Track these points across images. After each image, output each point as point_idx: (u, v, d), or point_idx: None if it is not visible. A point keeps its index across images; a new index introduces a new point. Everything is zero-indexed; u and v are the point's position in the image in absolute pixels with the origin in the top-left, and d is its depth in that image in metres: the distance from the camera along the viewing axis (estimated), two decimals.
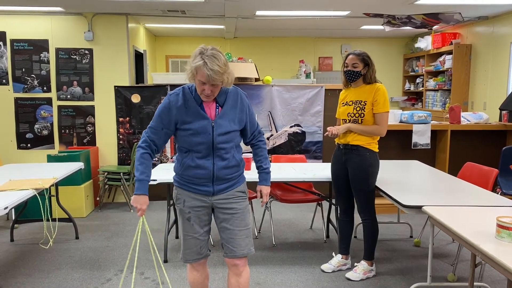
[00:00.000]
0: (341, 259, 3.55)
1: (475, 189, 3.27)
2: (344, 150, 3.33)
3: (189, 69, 2.19)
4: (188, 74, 2.21)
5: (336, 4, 5.29)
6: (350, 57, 3.26)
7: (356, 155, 3.27)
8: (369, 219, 3.37)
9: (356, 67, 3.22)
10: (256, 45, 8.41)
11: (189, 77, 2.22)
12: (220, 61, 2.15)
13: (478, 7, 5.49)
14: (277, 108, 5.71)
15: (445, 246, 4.11)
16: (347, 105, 3.32)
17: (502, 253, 1.94)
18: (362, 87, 3.28)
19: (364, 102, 3.23)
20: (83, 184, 5.11)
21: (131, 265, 3.65)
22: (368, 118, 3.22)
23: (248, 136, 2.47)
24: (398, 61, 8.67)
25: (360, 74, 3.23)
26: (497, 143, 5.35)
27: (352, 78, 3.26)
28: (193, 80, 2.22)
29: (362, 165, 3.26)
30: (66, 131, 5.75)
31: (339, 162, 3.41)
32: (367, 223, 3.38)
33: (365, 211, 3.36)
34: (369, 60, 3.24)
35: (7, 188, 3.21)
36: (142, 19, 6.43)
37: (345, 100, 3.37)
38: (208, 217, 2.44)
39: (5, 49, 5.61)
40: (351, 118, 3.27)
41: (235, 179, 2.42)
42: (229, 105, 2.33)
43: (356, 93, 3.29)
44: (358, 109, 3.24)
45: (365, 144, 3.25)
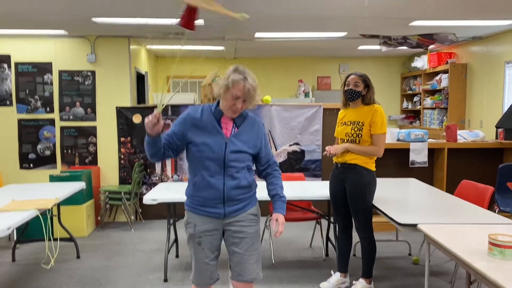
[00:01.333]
0: (340, 277, 3.58)
1: (471, 207, 3.32)
2: (342, 168, 3.39)
3: (224, 83, 2.25)
4: (221, 87, 2.26)
5: (333, 26, 5.41)
6: (352, 77, 3.34)
7: (353, 174, 3.33)
8: (367, 237, 3.41)
9: (358, 86, 3.30)
10: (256, 65, 8.53)
11: (222, 90, 2.26)
12: (255, 81, 2.29)
13: (472, 28, 5.62)
14: (276, 127, 5.79)
15: (443, 264, 4.13)
16: (345, 125, 3.39)
17: (494, 270, 1.98)
18: (361, 108, 3.35)
19: (362, 123, 3.30)
20: (85, 203, 5.16)
21: (134, 285, 3.69)
22: (365, 139, 3.29)
23: (263, 164, 2.48)
24: (395, 80, 8.79)
25: (361, 94, 3.31)
26: (494, 160, 5.41)
27: (352, 98, 3.33)
28: (225, 94, 2.26)
29: (359, 183, 3.32)
30: (68, 151, 5.83)
31: (337, 180, 3.46)
32: (365, 241, 3.42)
33: (363, 229, 3.40)
34: (369, 82, 3.34)
35: (10, 208, 3.27)
36: (144, 41, 6.57)
37: (343, 120, 3.44)
38: (219, 242, 2.45)
39: (10, 71, 5.73)
40: (349, 138, 3.34)
41: (247, 200, 2.42)
42: (246, 128, 2.38)
43: (355, 114, 3.36)
44: (356, 130, 3.31)
45: (362, 163, 3.31)
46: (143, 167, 5.75)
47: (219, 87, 2.28)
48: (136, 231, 5.34)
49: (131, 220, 5.51)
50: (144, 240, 4.97)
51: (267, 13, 4.68)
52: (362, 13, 4.61)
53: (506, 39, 5.85)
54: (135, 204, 5.74)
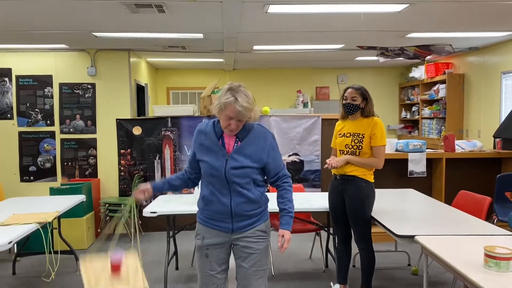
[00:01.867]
0: None
1: (468, 218, 3.34)
2: (341, 180, 3.42)
3: (218, 104, 2.28)
4: (215, 108, 2.30)
5: (330, 39, 5.48)
6: (349, 91, 3.36)
7: (352, 185, 3.36)
8: (366, 248, 3.43)
9: (355, 100, 3.33)
10: (255, 76, 8.62)
11: (216, 111, 2.31)
12: (249, 99, 2.28)
13: (468, 39, 5.68)
14: (275, 137, 5.82)
15: (442, 274, 4.14)
16: (345, 137, 3.41)
17: (489, 282, 2.01)
18: (360, 120, 3.38)
19: (362, 135, 3.32)
20: (85, 216, 5.18)
21: None
22: (366, 150, 3.32)
23: (271, 176, 2.46)
24: (394, 90, 8.86)
25: (359, 108, 3.34)
26: (491, 170, 5.43)
27: (350, 111, 3.36)
28: (220, 114, 2.30)
29: (358, 195, 3.34)
30: (68, 164, 5.87)
31: (336, 192, 3.49)
32: (364, 253, 3.44)
33: (362, 240, 3.42)
34: (367, 95, 3.36)
35: (11, 222, 3.29)
36: (143, 54, 6.64)
37: (342, 131, 3.47)
38: (226, 256, 2.46)
39: (11, 84, 5.79)
40: (349, 149, 3.36)
41: (256, 216, 2.41)
42: (249, 142, 2.37)
43: (354, 126, 3.39)
44: (356, 141, 3.33)
45: (361, 174, 3.34)
46: (143, 179, 5.78)
47: (213, 108, 2.33)
48: (136, 243, 5.35)
49: (130, 232, 5.52)
50: (144, 252, 4.98)
51: (264, 29, 4.74)
52: (359, 27, 4.67)
53: (502, 49, 5.91)
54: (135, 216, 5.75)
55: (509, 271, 2.14)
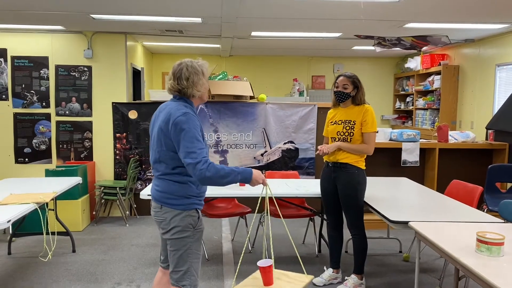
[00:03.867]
0: (332, 273, 3.67)
1: (460, 206, 3.42)
2: (333, 167, 3.48)
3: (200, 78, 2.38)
4: (201, 86, 2.39)
5: (328, 27, 5.49)
6: (341, 79, 3.42)
7: (344, 173, 3.41)
8: (359, 234, 3.49)
9: (346, 88, 3.39)
10: (251, 63, 8.61)
11: (201, 89, 2.40)
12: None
13: (464, 31, 5.72)
14: (271, 125, 5.86)
15: (433, 261, 4.24)
16: (336, 124, 3.47)
17: (480, 266, 2.07)
18: (351, 108, 3.44)
19: (353, 122, 3.39)
20: (80, 198, 5.20)
21: (129, 278, 3.75)
22: (357, 137, 3.38)
23: None
24: (389, 80, 8.90)
25: (350, 96, 3.40)
26: (483, 161, 5.53)
27: (341, 99, 3.43)
28: (203, 91, 2.42)
29: (351, 182, 3.40)
30: (64, 146, 5.86)
31: (328, 179, 3.54)
32: (356, 239, 3.51)
33: (355, 227, 3.49)
34: (358, 83, 3.42)
35: (9, 202, 3.31)
36: (140, 37, 6.60)
37: (334, 119, 3.52)
38: None
39: (6, 65, 5.74)
40: (341, 136, 3.42)
41: None
42: None
43: (345, 113, 3.45)
44: (347, 128, 3.39)
45: (353, 162, 3.40)
46: (138, 163, 5.79)
47: (200, 85, 2.40)
48: (131, 226, 5.39)
49: (126, 215, 5.55)
50: (139, 234, 5.02)
51: (263, 14, 4.74)
52: (358, 15, 4.69)
53: (497, 42, 5.97)
54: (130, 199, 5.78)
55: (500, 255, 2.21)
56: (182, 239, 2.36)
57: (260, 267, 2.38)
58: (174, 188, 2.36)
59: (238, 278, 3.75)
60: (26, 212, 3.18)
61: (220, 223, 5.53)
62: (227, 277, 3.79)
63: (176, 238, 2.36)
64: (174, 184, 2.36)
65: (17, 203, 3.26)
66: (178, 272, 2.39)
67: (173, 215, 2.35)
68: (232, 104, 5.77)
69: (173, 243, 2.37)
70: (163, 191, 2.38)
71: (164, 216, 2.37)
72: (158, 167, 2.42)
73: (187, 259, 2.38)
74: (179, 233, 2.35)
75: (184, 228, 2.35)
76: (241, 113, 5.81)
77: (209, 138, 5.78)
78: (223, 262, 4.15)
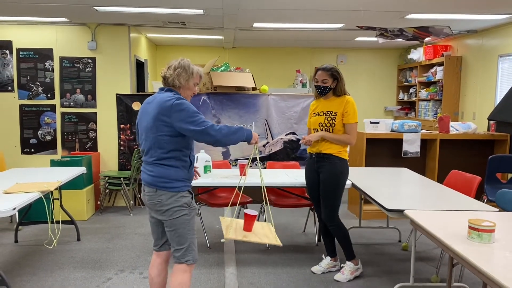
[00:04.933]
0: (330, 261, 3.73)
1: (457, 195, 3.46)
2: (316, 158, 3.51)
3: (188, 74, 2.59)
4: (183, 79, 2.58)
5: (330, 18, 5.50)
6: (319, 73, 3.44)
7: (327, 163, 3.45)
8: (336, 225, 3.51)
9: (326, 82, 3.41)
10: (254, 55, 8.64)
11: (183, 81, 2.59)
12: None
13: (467, 22, 5.71)
14: (273, 116, 5.91)
15: (431, 250, 4.29)
16: (318, 116, 3.51)
17: (471, 252, 2.12)
18: (332, 99, 3.48)
19: (334, 113, 3.42)
20: (85, 188, 5.29)
21: (132, 265, 3.84)
22: (338, 128, 3.42)
23: None
24: (392, 72, 8.89)
25: (330, 89, 3.44)
26: (484, 152, 5.55)
27: (322, 93, 3.46)
28: (187, 86, 2.61)
29: (333, 172, 3.44)
30: (68, 137, 5.95)
31: (312, 170, 3.58)
32: (335, 229, 3.53)
33: (330, 218, 3.50)
34: (338, 75, 3.43)
35: (14, 190, 3.39)
36: (144, 29, 6.65)
37: (316, 110, 3.55)
38: None
39: (11, 57, 5.82)
40: (323, 128, 3.46)
41: None
42: None
43: (327, 105, 3.48)
44: (329, 119, 3.43)
45: (336, 152, 3.44)
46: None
47: (188, 79, 2.61)
48: (135, 215, 5.49)
49: (130, 205, 5.64)
50: (143, 224, 5.11)
51: (264, 5, 4.77)
52: (359, 6, 4.70)
53: (500, 32, 5.95)
54: (134, 189, 5.87)
55: (491, 242, 2.25)
56: (180, 218, 2.53)
57: (245, 214, 2.67)
58: (168, 172, 2.52)
59: (238, 266, 3.85)
60: (31, 200, 3.25)
61: (222, 213, 5.61)
62: (228, 264, 3.87)
63: (174, 218, 2.53)
64: (168, 168, 2.52)
65: (22, 192, 3.35)
66: (180, 250, 2.57)
67: (168, 197, 2.52)
68: (235, 95, 5.82)
69: (171, 223, 2.54)
70: (158, 175, 2.52)
71: (160, 199, 2.52)
72: (152, 153, 2.55)
73: (187, 236, 2.57)
74: (177, 213, 2.52)
75: (180, 207, 2.53)
76: (243, 104, 5.86)
77: None
78: (224, 251, 4.23)
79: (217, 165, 4.40)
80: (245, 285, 3.46)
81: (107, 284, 3.47)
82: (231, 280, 3.54)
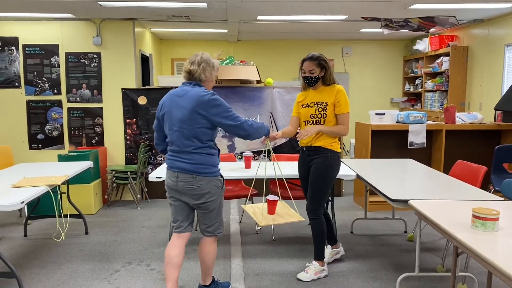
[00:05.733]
0: (332, 250, 3.73)
1: (462, 185, 3.45)
2: (307, 152, 3.43)
3: (211, 68, 2.85)
4: (209, 73, 2.85)
5: (334, 9, 5.48)
6: (306, 64, 3.32)
7: (318, 156, 3.36)
8: (317, 218, 3.41)
9: (313, 72, 3.30)
10: (259, 47, 8.63)
11: (210, 76, 2.86)
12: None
13: (472, 11, 5.66)
14: (278, 109, 5.91)
15: (437, 240, 4.29)
16: (308, 107, 3.39)
17: (474, 240, 2.13)
18: (322, 89, 3.36)
19: (325, 103, 3.32)
20: (92, 182, 5.34)
21: (140, 258, 3.88)
22: (330, 119, 3.33)
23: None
24: (398, 63, 8.85)
25: (318, 79, 3.32)
26: (491, 142, 5.52)
27: (311, 83, 3.35)
28: (211, 80, 2.89)
29: (323, 164, 3.34)
30: (75, 132, 6.00)
31: (304, 163, 3.50)
32: (315, 223, 3.43)
33: (314, 211, 3.40)
34: (325, 63, 3.31)
35: (22, 184, 3.43)
36: (148, 24, 6.67)
37: (305, 101, 3.43)
38: None
39: (18, 53, 5.87)
40: (314, 119, 3.36)
41: None
42: None
43: (316, 95, 3.37)
44: (320, 110, 3.33)
45: (327, 145, 3.35)
46: (148, 147, 5.91)
47: (213, 74, 2.90)
48: (142, 209, 5.53)
49: (137, 198, 5.69)
50: (150, 217, 5.16)
51: None
52: None
53: (506, 22, 5.89)
54: (141, 183, 5.92)
55: (495, 231, 2.26)
56: (216, 200, 2.86)
57: (268, 200, 3.03)
58: (206, 160, 2.81)
59: (244, 258, 3.87)
60: (38, 194, 3.29)
61: (229, 205, 5.64)
62: (234, 256, 3.90)
63: (212, 200, 2.83)
64: (206, 156, 2.81)
65: (30, 186, 3.39)
66: (213, 225, 2.92)
67: (208, 182, 2.80)
68: (239, 88, 5.83)
69: (208, 206, 2.84)
70: (197, 163, 2.78)
71: (199, 184, 2.78)
72: (189, 143, 2.78)
73: (219, 213, 2.94)
74: (214, 196, 2.83)
75: (216, 190, 2.85)
76: (248, 97, 5.86)
77: None
78: (230, 243, 4.26)
79: (222, 158, 4.42)
80: (251, 276, 3.49)
81: (114, 276, 3.51)
82: (237, 272, 3.57)
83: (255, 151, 5.91)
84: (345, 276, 3.49)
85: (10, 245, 4.25)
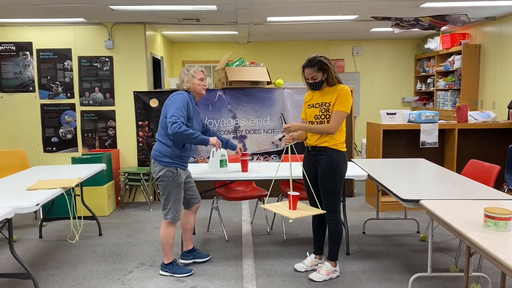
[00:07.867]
0: (314, 259, 3.64)
1: (474, 185, 3.42)
2: (313, 152, 3.42)
3: (189, 76, 3.43)
4: (188, 82, 3.43)
5: (344, 9, 5.47)
6: (307, 71, 3.32)
7: (324, 156, 3.35)
8: (335, 219, 3.41)
9: (316, 78, 3.30)
10: (269, 49, 8.64)
11: (189, 83, 3.43)
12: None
13: (484, 9, 5.60)
14: (289, 110, 5.92)
15: (450, 240, 4.26)
16: (314, 108, 3.39)
17: (486, 239, 2.11)
18: (327, 90, 3.36)
19: (328, 104, 3.31)
20: (106, 184, 5.40)
21: (153, 259, 3.92)
22: None
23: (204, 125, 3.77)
24: (409, 62, 8.79)
25: (322, 82, 3.32)
26: (504, 141, 5.45)
27: (316, 88, 3.36)
28: (193, 83, 3.43)
29: (330, 165, 3.33)
30: (88, 135, 6.08)
31: (309, 163, 3.48)
32: (332, 224, 3.42)
33: (331, 212, 3.39)
34: (325, 66, 3.28)
35: (37, 187, 3.50)
36: (159, 27, 6.73)
37: (311, 102, 3.44)
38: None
39: (32, 58, 5.97)
40: (319, 120, 3.35)
41: None
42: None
43: (321, 96, 3.37)
44: (323, 111, 3.33)
45: (332, 145, 3.33)
46: None
47: (185, 81, 3.46)
48: (155, 210, 5.58)
49: (149, 200, 5.75)
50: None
51: None
52: None
53: None
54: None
55: (508, 230, 2.24)
56: (165, 186, 3.39)
57: (289, 195, 3.13)
58: (162, 149, 3.39)
59: (255, 258, 3.89)
60: (53, 196, 3.36)
61: (241, 206, 5.67)
62: (245, 257, 3.92)
63: (162, 186, 3.40)
64: (162, 145, 3.39)
65: (45, 188, 3.45)
66: (165, 209, 3.47)
67: (159, 169, 3.38)
68: (250, 90, 5.85)
69: (160, 189, 3.44)
70: (156, 150, 3.42)
71: (154, 169, 3.41)
72: (157, 133, 3.47)
73: (169, 200, 3.43)
74: (163, 182, 3.38)
75: (167, 178, 3.36)
76: (259, 98, 5.88)
77: (227, 124, 5.90)
78: (242, 244, 4.28)
79: (232, 159, 4.45)
80: (263, 276, 3.50)
81: (128, 277, 3.55)
82: (249, 272, 3.59)
83: (266, 152, 5.94)
84: (357, 277, 3.49)
85: (26, 246, 4.33)
